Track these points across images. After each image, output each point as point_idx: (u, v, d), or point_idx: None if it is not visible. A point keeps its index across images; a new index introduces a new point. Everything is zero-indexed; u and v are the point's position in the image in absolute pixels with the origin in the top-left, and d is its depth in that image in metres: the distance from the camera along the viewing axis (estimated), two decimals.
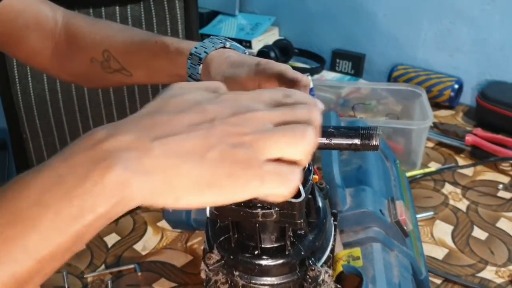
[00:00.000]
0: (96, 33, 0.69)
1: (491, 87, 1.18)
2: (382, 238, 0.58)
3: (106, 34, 0.69)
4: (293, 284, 0.44)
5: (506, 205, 0.91)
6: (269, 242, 0.44)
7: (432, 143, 1.10)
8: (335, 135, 0.44)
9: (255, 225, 0.42)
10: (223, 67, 0.56)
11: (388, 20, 1.40)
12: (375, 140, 0.43)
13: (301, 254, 0.43)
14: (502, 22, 1.19)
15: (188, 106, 0.34)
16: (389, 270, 0.55)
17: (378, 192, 0.63)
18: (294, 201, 0.38)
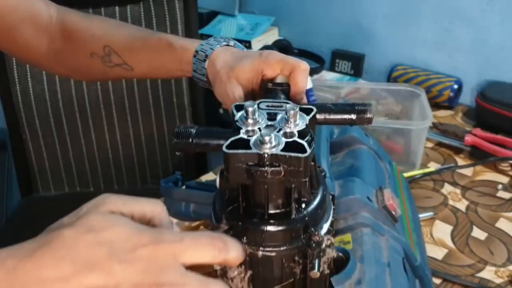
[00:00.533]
0: (95, 28, 0.70)
1: (491, 87, 1.19)
2: (372, 223, 0.59)
3: (105, 29, 0.70)
4: (297, 251, 0.45)
5: (505, 205, 0.91)
6: (276, 208, 0.45)
7: (432, 143, 1.10)
8: (333, 111, 0.51)
9: (264, 188, 0.44)
10: (229, 60, 0.60)
11: (387, 20, 1.40)
12: (369, 114, 0.50)
13: (305, 220, 0.45)
14: (501, 23, 1.20)
15: (95, 259, 0.33)
16: (378, 251, 0.56)
17: (367, 183, 0.64)
18: (300, 156, 0.41)
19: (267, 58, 0.58)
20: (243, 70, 0.58)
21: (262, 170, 0.42)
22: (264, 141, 0.42)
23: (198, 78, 0.64)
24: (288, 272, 0.47)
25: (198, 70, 0.63)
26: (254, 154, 0.41)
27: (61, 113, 1.26)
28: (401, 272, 0.56)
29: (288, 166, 0.42)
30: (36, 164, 1.30)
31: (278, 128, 0.45)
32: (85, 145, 1.30)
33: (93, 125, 1.29)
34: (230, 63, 0.59)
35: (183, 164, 1.36)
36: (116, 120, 1.28)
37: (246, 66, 0.58)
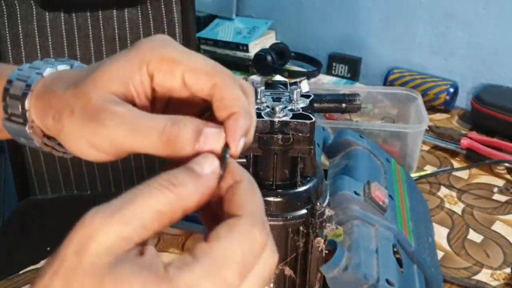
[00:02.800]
0: None
1: (486, 90, 1.19)
2: (361, 215, 0.62)
3: None
4: (302, 221, 0.51)
5: (501, 208, 0.92)
6: (282, 179, 0.51)
7: (428, 146, 1.11)
8: (327, 100, 0.58)
9: (273, 157, 0.49)
10: (78, 75, 0.34)
11: (383, 24, 1.40)
12: (358, 101, 0.57)
13: (309, 191, 0.51)
14: (497, 26, 1.20)
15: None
16: (367, 239, 0.60)
17: (358, 179, 0.67)
18: (307, 121, 0.47)
19: (149, 50, 0.33)
20: (107, 75, 0.33)
21: (273, 136, 0.47)
22: (275, 111, 0.48)
23: (16, 132, 0.37)
24: (292, 246, 0.52)
25: (13, 116, 0.36)
26: (267, 121, 0.47)
27: None
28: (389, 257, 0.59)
29: (296, 133, 0.47)
30: (33, 167, 1.30)
31: (284, 106, 0.50)
32: None
33: None
34: (80, 76, 0.34)
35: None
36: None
37: (112, 69, 0.33)
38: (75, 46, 1.23)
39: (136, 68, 0.33)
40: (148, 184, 0.28)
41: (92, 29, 1.23)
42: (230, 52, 1.60)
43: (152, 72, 0.33)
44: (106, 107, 0.31)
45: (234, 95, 0.32)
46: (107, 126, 0.30)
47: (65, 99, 0.33)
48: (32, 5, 1.18)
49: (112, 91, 0.32)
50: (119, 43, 1.25)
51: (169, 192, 0.27)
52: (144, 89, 0.33)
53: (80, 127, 0.32)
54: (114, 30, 1.24)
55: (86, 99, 0.32)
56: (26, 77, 0.36)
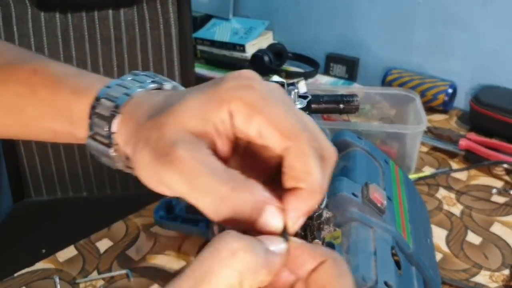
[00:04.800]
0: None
1: (485, 91, 1.19)
2: (359, 216, 0.62)
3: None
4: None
5: (499, 209, 0.91)
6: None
7: (426, 148, 1.10)
8: (324, 100, 0.59)
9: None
10: (160, 103, 0.33)
11: (382, 24, 1.40)
12: (356, 102, 0.58)
13: None
14: (495, 27, 1.20)
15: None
16: (365, 241, 0.59)
17: (356, 180, 0.67)
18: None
19: (232, 89, 0.30)
20: (187, 109, 0.31)
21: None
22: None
23: (99, 152, 0.35)
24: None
25: (98, 135, 0.35)
26: None
27: None
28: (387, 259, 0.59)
29: None
30: (28, 169, 1.29)
31: None
32: (78, 149, 1.29)
33: None
34: (164, 106, 0.32)
35: None
36: None
37: (193, 102, 0.31)
38: (71, 46, 1.22)
39: (217, 105, 0.30)
40: (217, 250, 0.26)
41: (88, 30, 1.22)
42: (227, 53, 1.59)
43: (232, 113, 0.30)
44: (174, 148, 0.29)
45: (305, 167, 0.29)
46: (167, 169, 0.29)
47: (144, 129, 0.31)
48: (27, 5, 1.18)
49: (190, 127, 0.30)
50: (115, 44, 1.24)
51: (239, 260, 0.26)
52: (225, 128, 0.30)
53: (149, 161, 0.30)
54: (109, 31, 1.23)
55: (161, 132, 0.30)
56: (114, 97, 0.34)
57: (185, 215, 0.81)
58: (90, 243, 0.83)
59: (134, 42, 1.25)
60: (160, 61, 1.28)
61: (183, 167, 0.28)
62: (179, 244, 0.82)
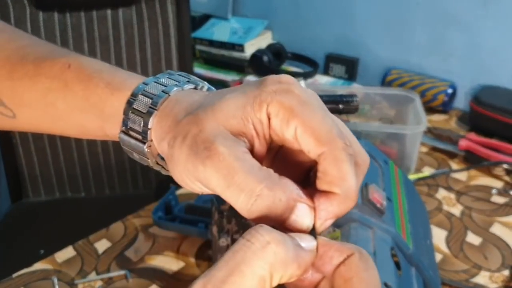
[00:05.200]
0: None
1: (485, 91, 1.19)
2: (358, 217, 0.62)
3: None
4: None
5: (499, 210, 0.91)
6: None
7: (426, 148, 1.10)
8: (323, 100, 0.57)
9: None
10: (199, 101, 0.33)
11: (381, 24, 1.40)
12: (355, 102, 0.57)
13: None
14: (495, 27, 1.20)
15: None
16: (365, 242, 0.59)
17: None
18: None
19: (272, 92, 0.31)
20: (227, 108, 0.31)
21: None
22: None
23: (132, 147, 0.36)
24: None
25: (132, 130, 0.35)
26: None
27: None
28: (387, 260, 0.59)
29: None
30: (27, 169, 1.29)
31: None
32: (76, 150, 1.29)
33: None
34: (203, 103, 0.33)
35: None
36: None
37: (234, 102, 0.31)
38: (69, 46, 1.22)
39: (257, 107, 0.31)
40: (249, 241, 0.26)
41: (86, 29, 1.22)
42: (226, 53, 1.59)
43: (270, 115, 0.31)
44: (213, 143, 0.29)
45: (340, 173, 0.29)
46: (205, 165, 0.29)
47: (182, 124, 0.31)
48: (25, 5, 1.17)
49: (229, 125, 0.31)
50: (114, 43, 1.24)
51: (271, 251, 0.26)
52: (263, 129, 0.31)
53: (186, 157, 0.30)
54: (108, 30, 1.23)
55: (200, 127, 0.30)
56: (152, 94, 0.34)
57: (183, 216, 0.81)
58: (88, 244, 0.83)
59: (133, 42, 1.25)
60: (158, 60, 1.27)
61: (221, 163, 0.29)
62: (178, 245, 0.82)
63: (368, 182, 0.66)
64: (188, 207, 0.83)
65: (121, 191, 1.34)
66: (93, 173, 1.32)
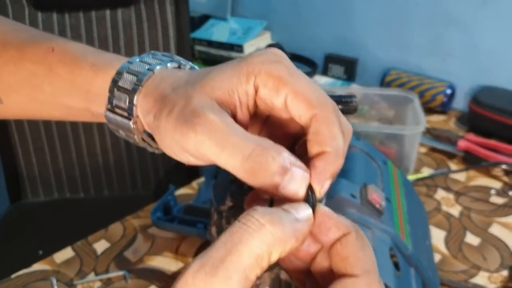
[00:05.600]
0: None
1: (484, 92, 1.19)
2: (357, 218, 0.62)
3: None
4: None
5: (498, 210, 0.91)
6: None
7: (425, 149, 1.10)
8: None
9: None
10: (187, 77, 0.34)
11: (380, 24, 1.40)
12: (354, 103, 0.55)
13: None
14: (494, 28, 1.20)
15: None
16: None
17: (354, 181, 0.67)
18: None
19: (260, 64, 0.32)
20: (214, 82, 0.32)
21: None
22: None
23: (118, 124, 0.36)
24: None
25: (118, 107, 0.35)
26: None
27: None
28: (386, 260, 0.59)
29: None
30: (25, 170, 1.29)
31: None
32: (75, 150, 1.29)
33: (83, 130, 1.27)
34: (189, 79, 0.34)
35: (174, 169, 1.35)
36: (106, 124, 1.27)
37: (220, 75, 0.33)
38: None
39: (244, 78, 0.32)
40: (245, 224, 0.27)
41: (85, 30, 1.22)
42: (225, 53, 1.59)
43: (258, 85, 0.32)
44: (201, 112, 0.30)
45: (331, 132, 0.31)
46: (196, 131, 0.30)
47: (169, 98, 0.32)
48: (24, 5, 1.17)
49: (215, 96, 0.31)
50: (113, 44, 1.24)
51: (267, 233, 0.27)
52: (247, 100, 0.32)
53: (174, 127, 0.31)
54: (107, 31, 1.23)
55: (187, 99, 0.31)
56: (137, 72, 0.35)
57: (182, 216, 0.81)
58: (87, 244, 0.83)
59: (132, 43, 1.25)
60: None
61: (213, 128, 0.29)
62: (177, 246, 0.82)
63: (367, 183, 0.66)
64: (187, 208, 0.83)
65: (120, 192, 1.34)
66: (92, 174, 1.32)
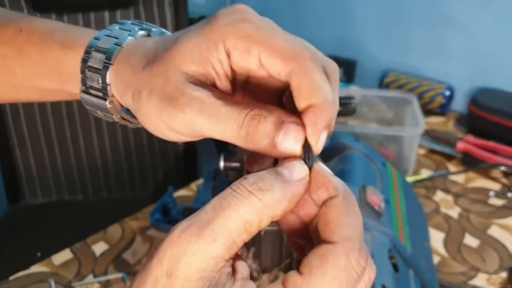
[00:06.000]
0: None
1: (482, 94, 1.19)
2: None
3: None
4: None
5: (497, 212, 0.91)
6: None
7: (424, 150, 1.10)
8: None
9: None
10: (154, 48, 0.33)
11: (379, 26, 1.40)
12: (353, 104, 0.55)
13: None
14: (493, 29, 1.20)
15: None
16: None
17: (353, 183, 0.67)
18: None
19: (225, 26, 0.30)
20: (183, 52, 0.30)
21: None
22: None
23: (95, 105, 0.36)
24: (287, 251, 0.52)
25: (92, 88, 0.35)
26: None
27: (49, 119, 1.24)
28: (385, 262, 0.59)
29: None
30: (24, 171, 1.28)
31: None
32: (74, 152, 1.29)
33: (81, 131, 1.27)
34: (158, 51, 0.32)
35: (173, 171, 1.35)
36: (105, 126, 1.27)
37: (188, 44, 0.31)
38: None
39: (213, 46, 0.30)
40: (234, 191, 0.27)
41: None
42: None
43: (229, 50, 0.30)
44: (184, 91, 0.29)
45: (313, 83, 0.29)
46: (184, 111, 0.29)
47: (143, 77, 0.31)
48: (23, 6, 1.17)
49: (190, 71, 0.30)
50: None
51: (256, 199, 0.26)
52: (223, 68, 0.31)
53: (159, 109, 0.30)
54: None
55: (164, 78, 0.30)
56: (104, 48, 0.34)
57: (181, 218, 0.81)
58: (85, 246, 0.83)
59: None
60: None
61: (202, 105, 0.29)
62: None
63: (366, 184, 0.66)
64: (186, 210, 0.83)
65: (118, 193, 1.33)
66: (90, 176, 1.31)
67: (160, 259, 0.25)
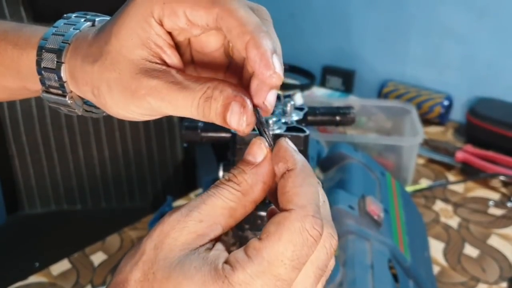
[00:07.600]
0: None
1: (481, 103, 1.19)
2: (355, 229, 0.62)
3: None
4: None
5: (496, 221, 0.91)
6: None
7: (423, 160, 1.10)
8: (321, 112, 0.59)
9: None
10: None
11: (378, 36, 1.40)
12: (352, 114, 0.57)
13: None
14: (490, 39, 1.20)
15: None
16: (362, 255, 0.60)
17: (352, 193, 0.67)
18: (301, 135, 0.48)
19: (144, 2, 0.30)
20: (123, 38, 0.31)
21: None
22: (268, 124, 0.48)
23: (57, 103, 0.37)
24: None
25: (51, 86, 0.36)
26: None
27: (49, 129, 1.24)
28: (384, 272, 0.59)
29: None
30: (22, 181, 1.28)
31: (277, 119, 0.51)
32: (73, 162, 1.28)
33: (80, 141, 1.27)
34: (98, 41, 0.33)
35: (172, 181, 1.35)
36: (104, 136, 1.27)
37: (124, 27, 0.31)
38: None
39: (146, 24, 0.31)
40: (217, 185, 0.30)
41: None
42: None
43: (160, 20, 0.30)
44: (141, 81, 0.31)
45: (239, 19, 0.29)
46: (148, 101, 0.31)
47: (96, 74, 0.33)
48: (23, 17, 1.17)
49: (139, 57, 0.31)
50: None
51: (235, 190, 0.29)
52: (164, 40, 0.31)
53: (124, 101, 0.32)
54: None
55: (117, 71, 0.32)
56: (53, 48, 0.35)
57: None
58: (84, 256, 0.82)
59: None
60: None
61: (160, 93, 0.30)
62: None
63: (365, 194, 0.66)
64: None
65: (117, 203, 1.33)
66: (89, 185, 1.31)
67: (151, 235, 0.28)
